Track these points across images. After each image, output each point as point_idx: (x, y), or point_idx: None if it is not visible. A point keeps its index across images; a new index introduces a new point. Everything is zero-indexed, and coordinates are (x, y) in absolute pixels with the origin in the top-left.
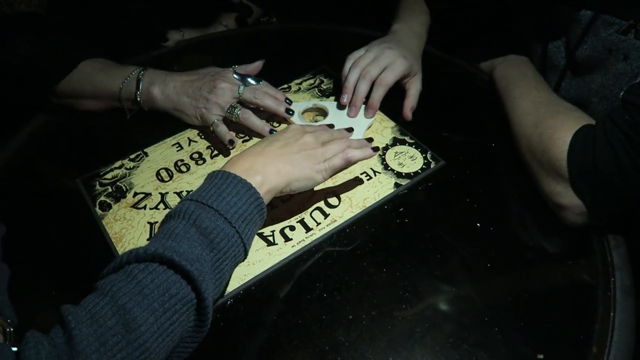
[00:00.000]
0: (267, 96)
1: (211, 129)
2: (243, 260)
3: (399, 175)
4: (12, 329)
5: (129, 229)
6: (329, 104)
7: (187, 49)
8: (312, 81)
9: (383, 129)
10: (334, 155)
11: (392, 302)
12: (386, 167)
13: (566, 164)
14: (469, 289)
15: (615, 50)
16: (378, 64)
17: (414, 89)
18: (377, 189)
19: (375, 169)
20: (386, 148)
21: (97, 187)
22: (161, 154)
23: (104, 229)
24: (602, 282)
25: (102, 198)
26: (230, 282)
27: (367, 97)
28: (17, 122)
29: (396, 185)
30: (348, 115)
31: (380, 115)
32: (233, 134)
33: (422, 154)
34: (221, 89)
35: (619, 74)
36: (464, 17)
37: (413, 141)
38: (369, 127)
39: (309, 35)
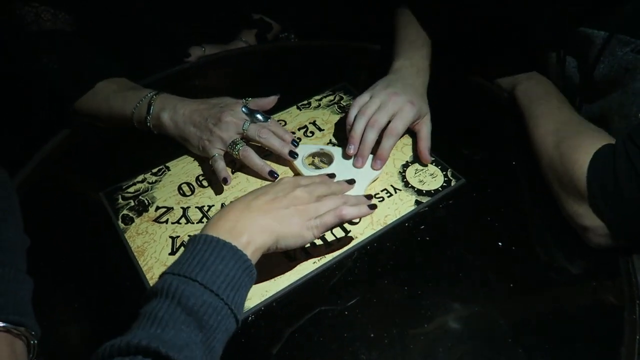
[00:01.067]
0: (273, 136)
1: (210, 162)
2: (235, 329)
3: (419, 192)
4: (35, 342)
5: (151, 242)
6: (336, 150)
7: (208, 65)
8: (331, 97)
9: (403, 146)
10: (327, 212)
11: (413, 321)
12: (407, 184)
13: (586, 185)
14: (492, 308)
15: (632, 70)
16: (386, 112)
17: (424, 130)
18: (398, 206)
19: (395, 186)
20: (406, 165)
21: (120, 200)
22: (183, 168)
23: (126, 242)
24: (628, 304)
25: (125, 212)
26: (252, 298)
27: (375, 146)
28: (41, 136)
29: (417, 202)
30: (354, 165)
31: None
32: (229, 171)
33: (442, 172)
34: (226, 123)
35: (636, 93)
36: (480, 33)
37: (433, 159)
38: (375, 179)
39: (329, 51)
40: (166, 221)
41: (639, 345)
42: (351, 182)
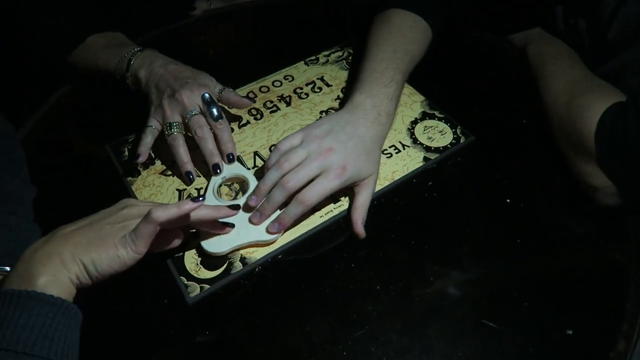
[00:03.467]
0: (209, 139)
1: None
2: None
3: (427, 149)
4: None
5: (157, 194)
6: (253, 180)
7: (214, 19)
8: (340, 53)
9: (412, 102)
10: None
11: (420, 275)
12: (415, 140)
13: (594, 143)
14: (498, 265)
15: None
16: (306, 173)
17: (362, 197)
18: (406, 162)
19: (404, 142)
20: (415, 122)
21: (126, 152)
22: None
23: (133, 194)
24: (634, 262)
25: (131, 164)
26: (258, 250)
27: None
28: (45, 91)
29: (425, 159)
30: (250, 219)
31: (409, 89)
32: (148, 150)
33: (451, 129)
34: (176, 101)
35: None
36: None
37: (443, 116)
38: (265, 243)
39: (338, 6)
40: (172, 174)
41: None
42: (230, 225)
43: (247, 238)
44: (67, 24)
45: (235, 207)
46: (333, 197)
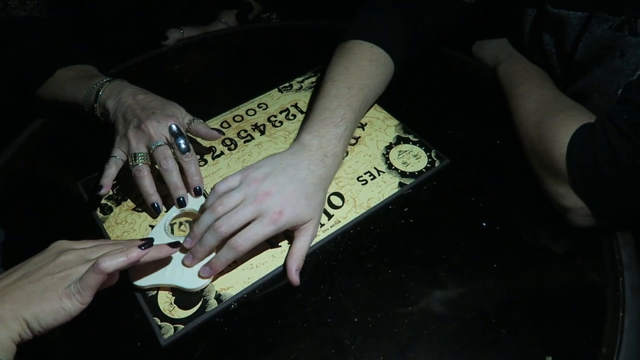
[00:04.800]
0: (175, 172)
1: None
2: None
3: (403, 174)
4: None
5: (130, 232)
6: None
7: (187, 47)
8: (313, 79)
9: (387, 127)
10: (87, 271)
11: (398, 304)
12: (390, 166)
13: (566, 166)
14: (476, 289)
15: (612, 47)
16: (240, 216)
17: (301, 242)
18: (382, 189)
19: (379, 168)
20: (390, 147)
21: None
22: None
23: (105, 232)
24: (611, 282)
25: (104, 201)
26: (234, 285)
27: None
28: (16, 126)
29: (400, 184)
30: (183, 261)
31: (383, 114)
32: (110, 181)
33: (426, 153)
34: (141, 132)
35: (617, 70)
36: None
37: (417, 139)
38: (200, 288)
39: (311, 32)
40: (145, 210)
41: (622, 322)
42: (175, 245)
43: (173, 280)
44: (37, 56)
45: (175, 245)
46: None
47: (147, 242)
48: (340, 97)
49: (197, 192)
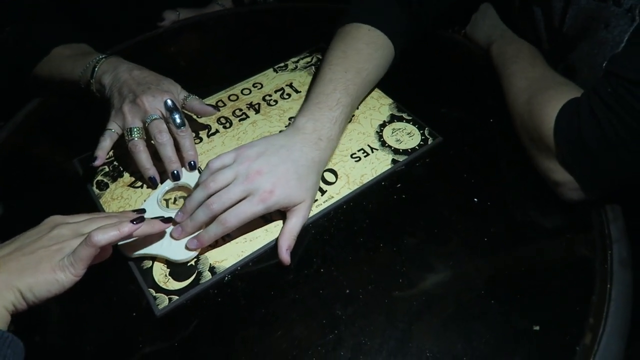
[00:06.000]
0: (169, 145)
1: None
2: None
3: (396, 151)
4: None
5: (126, 207)
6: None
7: (183, 29)
8: (309, 59)
9: (380, 105)
10: (80, 244)
11: (389, 277)
12: (383, 143)
13: (553, 140)
14: (466, 263)
15: (597, 19)
16: (231, 194)
17: (292, 222)
18: (375, 166)
19: (372, 146)
20: (383, 125)
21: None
22: None
23: (101, 208)
24: (600, 255)
25: (100, 177)
26: (228, 258)
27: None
28: (12, 106)
29: (393, 161)
30: (171, 233)
31: (377, 93)
32: (104, 153)
33: (419, 131)
34: (137, 106)
35: (602, 42)
36: None
37: (410, 118)
38: (183, 261)
39: (306, 13)
40: (141, 186)
41: (610, 293)
42: (167, 220)
43: (161, 251)
44: (33, 35)
45: (168, 220)
46: None
47: (139, 217)
48: (336, 81)
49: (192, 167)
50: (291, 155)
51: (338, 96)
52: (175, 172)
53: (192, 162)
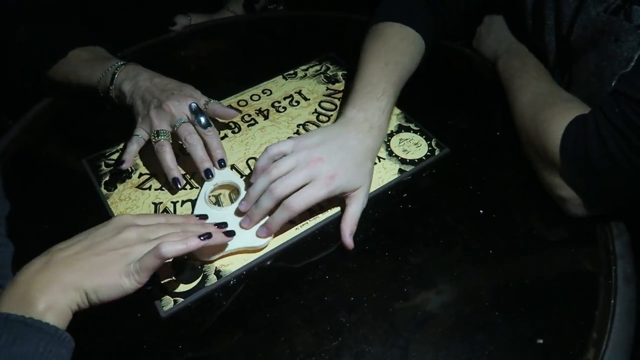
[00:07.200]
0: (199, 145)
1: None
2: None
3: (403, 161)
4: None
5: (133, 208)
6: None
7: (194, 34)
8: (318, 67)
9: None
10: (147, 253)
11: (394, 286)
12: (390, 153)
13: (559, 157)
14: (471, 274)
15: (607, 32)
16: (293, 181)
17: (352, 208)
18: (381, 175)
19: (379, 155)
20: (391, 135)
21: (103, 167)
22: None
23: (109, 208)
24: (604, 270)
25: (108, 178)
26: (234, 262)
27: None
28: (23, 104)
29: (400, 171)
30: (241, 224)
31: None
32: (132, 158)
33: (426, 141)
34: (163, 111)
35: (611, 56)
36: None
37: (418, 128)
38: (256, 248)
39: (316, 21)
40: (149, 187)
41: (613, 309)
42: (230, 234)
43: (237, 244)
44: (49, 37)
45: (230, 234)
46: (309, 210)
47: (207, 234)
48: (379, 74)
49: (222, 165)
50: (348, 143)
51: (383, 86)
52: (208, 169)
53: (222, 161)
